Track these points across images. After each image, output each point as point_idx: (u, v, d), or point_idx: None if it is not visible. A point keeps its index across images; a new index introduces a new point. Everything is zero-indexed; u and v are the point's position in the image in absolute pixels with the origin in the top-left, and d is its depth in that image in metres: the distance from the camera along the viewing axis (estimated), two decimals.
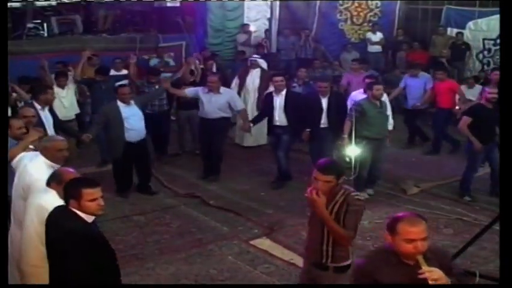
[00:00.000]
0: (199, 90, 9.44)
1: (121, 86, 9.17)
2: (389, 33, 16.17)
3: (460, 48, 14.78)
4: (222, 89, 9.50)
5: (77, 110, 10.62)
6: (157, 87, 10.13)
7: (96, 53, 12.73)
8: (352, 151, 8.12)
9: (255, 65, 11.38)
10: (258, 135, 10.92)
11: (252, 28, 15.34)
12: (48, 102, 8.28)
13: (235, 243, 7.22)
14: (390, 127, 9.20)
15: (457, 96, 11.06)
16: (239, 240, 7.29)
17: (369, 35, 15.99)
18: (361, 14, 16.56)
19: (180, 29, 14.91)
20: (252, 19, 15.74)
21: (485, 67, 14.52)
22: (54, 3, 14.52)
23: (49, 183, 4.69)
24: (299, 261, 6.72)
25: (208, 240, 7.27)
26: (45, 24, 14.21)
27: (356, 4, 16.54)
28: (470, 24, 15.10)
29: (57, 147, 5.41)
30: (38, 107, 7.99)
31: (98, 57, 12.51)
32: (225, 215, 8.10)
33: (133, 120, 8.59)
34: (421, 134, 11.81)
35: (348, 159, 8.13)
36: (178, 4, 15.00)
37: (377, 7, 16.50)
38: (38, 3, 14.23)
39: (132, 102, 8.71)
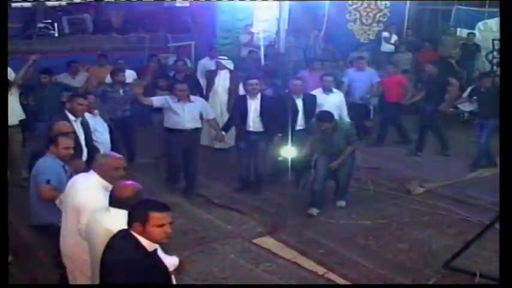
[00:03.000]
0: (168, 99, 8.69)
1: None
2: (399, 34, 16.11)
3: (469, 49, 14.74)
4: (193, 97, 8.81)
5: (21, 116, 9.38)
6: (121, 91, 9.60)
7: (105, 53, 12.88)
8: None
9: (222, 66, 11.11)
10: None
11: (254, 29, 15.35)
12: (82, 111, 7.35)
13: (238, 241, 7.26)
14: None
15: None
16: (242, 239, 7.33)
17: (385, 34, 15.97)
18: (370, 14, 16.53)
19: (189, 29, 15.02)
20: (261, 19, 15.75)
21: (495, 68, 14.46)
22: (64, 3, 14.68)
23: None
24: (301, 260, 6.81)
25: (212, 238, 7.32)
26: (55, 24, 14.37)
27: (365, 4, 16.52)
28: (480, 24, 15.08)
29: (113, 165, 4.88)
30: (72, 117, 7.17)
31: (106, 57, 12.62)
32: (229, 214, 8.14)
33: (99, 133, 7.82)
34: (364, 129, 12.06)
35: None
36: (187, 4, 15.09)
37: (386, 7, 16.46)
38: (49, 3, 14.39)
39: (97, 112, 7.95)
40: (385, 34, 15.93)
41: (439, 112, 11.01)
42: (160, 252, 3.89)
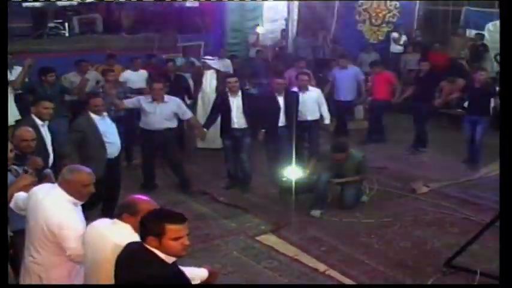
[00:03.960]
0: (141, 100, 8.79)
1: (93, 95, 8.09)
2: (408, 34, 16.10)
3: (478, 50, 14.71)
4: (167, 97, 8.77)
5: (17, 116, 9.00)
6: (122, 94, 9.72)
7: (114, 53, 12.98)
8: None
9: (207, 66, 11.27)
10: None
11: (260, 29, 15.42)
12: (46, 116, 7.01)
13: (241, 238, 7.32)
14: (327, 121, 9.97)
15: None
16: (245, 236, 7.39)
17: (394, 34, 15.97)
18: (379, 15, 16.55)
19: (198, 29, 15.11)
20: (270, 19, 15.85)
21: None
22: (75, 3, 14.83)
23: (120, 214, 3.99)
24: (303, 257, 6.85)
25: (215, 235, 7.38)
26: (66, 24, 14.53)
27: (375, 5, 16.54)
28: (489, 25, 15.04)
29: (82, 182, 4.39)
30: (39, 122, 6.89)
31: (115, 57, 12.72)
32: (233, 211, 8.21)
33: (110, 134, 7.65)
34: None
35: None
36: (197, 5, 15.20)
37: (396, 8, 16.46)
38: (60, 3, 14.54)
39: (105, 113, 7.76)
40: (395, 35, 15.93)
41: (431, 108, 11.21)
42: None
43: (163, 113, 8.65)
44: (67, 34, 14.48)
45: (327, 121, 9.98)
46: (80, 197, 4.41)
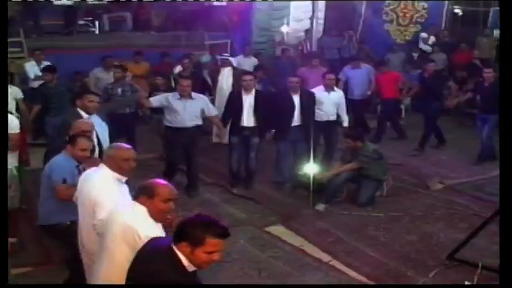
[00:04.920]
0: (169, 97, 8.56)
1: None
2: (436, 35, 16.01)
3: None
4: (194, 94, 8.60)
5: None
6: (120, 90, 9.58)
7: (142, 50, 13.25)
8: None
9: (226, 63, 11.29)
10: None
11: (284, 28, 15.51)
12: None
13: (250, 228, 7.44)
14: (345, 124, 9.85)
15: None
16: (254, 226, 7.51)
17: (423, 35, 15.92)
18: (407, 15, 16.46)
19: (225, 28, 15.29)
20: (297, 19, 15.91)
21: None
22: (105, 1, 15.16)
23: (137, 196, 4.06)
24: (308, 247, 6.94)
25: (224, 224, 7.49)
26: (96, 22, 14.86)
27: (402, 5, 16.48)
28: None
29: (123, 157, 4.70)
30: (85, 115, 6.87)
31: (142, 54, 12.99)
32: (246, 203, 8.35)
33: (98, 133, 6.90)
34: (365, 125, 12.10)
35: None
36: (225, 3, 15.38)
37: (424, 8, 16.39)
38: (90, 2, 14.89)
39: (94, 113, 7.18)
40: (423, 35, 15.87)
41: (440, 107, 11.21)
42: None
43: (191, 110, 8.47)
44: (97, 31, 14.82)
45: (346, 124, 9.82)
46: (122, 172, 4.68)
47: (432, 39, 15.62)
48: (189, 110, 8.46)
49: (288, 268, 6.38)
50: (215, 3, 15.30)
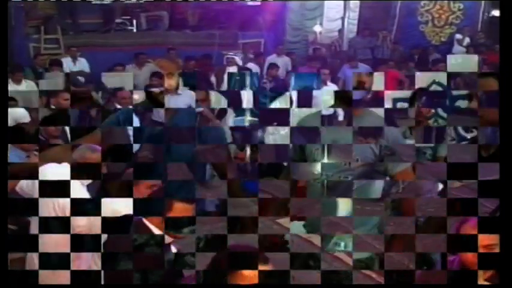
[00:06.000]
0: None
1: None
2: (472, 36, 15.92)
3: None
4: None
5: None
6: None
7: (175, 47, 13.55)
8: None
9: (232, 62, 11.53)
10: None
11: (317, 28, 15.62)
12: None
13: (261, 220, 7.56)
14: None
15: None
16: (265, 218, 7.63)
17: (458, 36, 15.85)
18: (442, 16, 16.40)
19: (259, 27, 15.50)
20: (331, 19, 16.01)
21: None
22: (143, 0, 15.54)
23: None
24: (315, 238, 7.00)
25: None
26: (134, 20, 15.24)
27: (438, 6, 16.42)
28: None
29: None
30: None
31: (176, 51, 13.29)
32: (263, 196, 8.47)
33: None
34: None
35: None
36: (259, 3, 15.59)
37: (459, 10, 16.30)
38: (127, 1, 15.28)
39: None
40: (458, 36, 15.79)
41: None
42: None
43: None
44: (134, 30, 15.20)
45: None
46: None
47: (467, 40, 15.53)
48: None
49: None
50: (249, 2, 15.50)
